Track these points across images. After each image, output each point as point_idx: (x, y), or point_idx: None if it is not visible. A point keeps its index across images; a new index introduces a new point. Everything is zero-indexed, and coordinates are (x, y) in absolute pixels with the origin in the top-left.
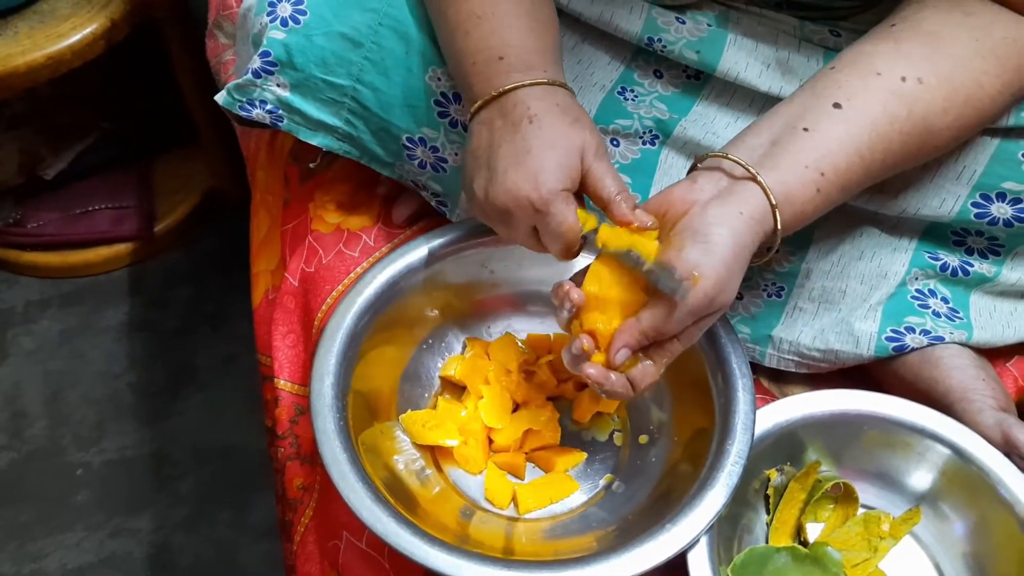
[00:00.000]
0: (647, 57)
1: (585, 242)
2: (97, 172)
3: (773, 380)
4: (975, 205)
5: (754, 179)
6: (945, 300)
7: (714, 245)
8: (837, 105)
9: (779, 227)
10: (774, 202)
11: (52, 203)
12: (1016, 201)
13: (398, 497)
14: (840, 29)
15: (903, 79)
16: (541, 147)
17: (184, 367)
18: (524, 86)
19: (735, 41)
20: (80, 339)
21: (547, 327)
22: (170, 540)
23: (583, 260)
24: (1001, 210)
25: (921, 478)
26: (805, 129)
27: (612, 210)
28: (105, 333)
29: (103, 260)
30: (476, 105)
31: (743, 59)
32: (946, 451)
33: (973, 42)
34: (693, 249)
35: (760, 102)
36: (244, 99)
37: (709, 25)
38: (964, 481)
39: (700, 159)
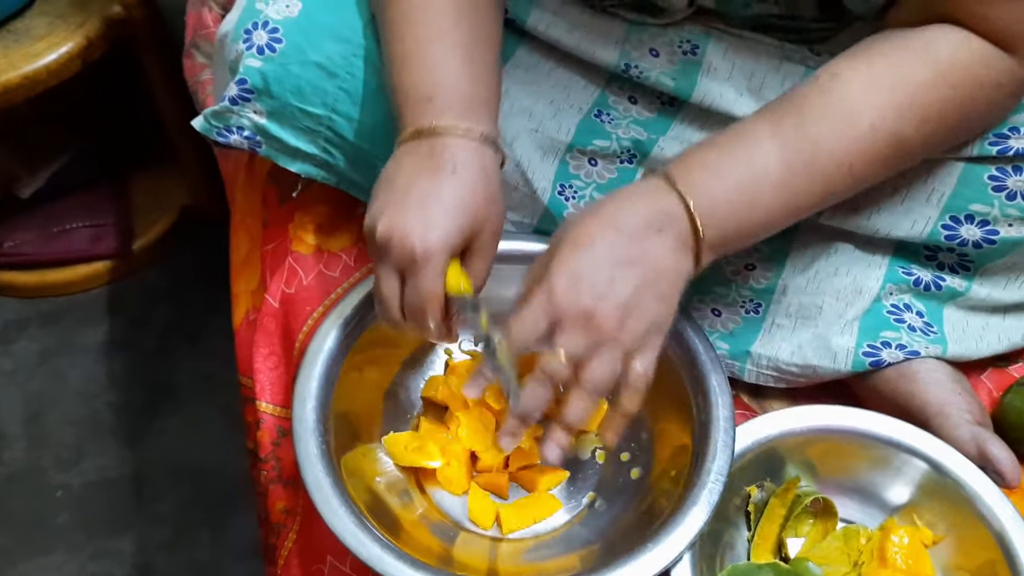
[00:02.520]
0: (622, 84)
1: (466, 307)
2: (74, 190)
3: (753, 395)
4: (945, 227)
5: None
6: (920, 314)
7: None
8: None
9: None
10: (681, 189)
11: (29, 222)
12: (984, 223)
13: (381, 520)
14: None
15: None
16: (452, 202)
17: (163, 386)
18: (457, 136)
19: (709, 71)
20: (59, 359)
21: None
22: (152, 561)
23: None
24: (970, 232)
25: (899, 492)
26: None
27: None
28: (84, 353)
29: (81, 279)
30: (407, 132)
31: (716, 88)
32: (923, 465)
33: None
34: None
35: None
36: (221, 125)
37: (684, 53)
38: (941, 495)
39: None
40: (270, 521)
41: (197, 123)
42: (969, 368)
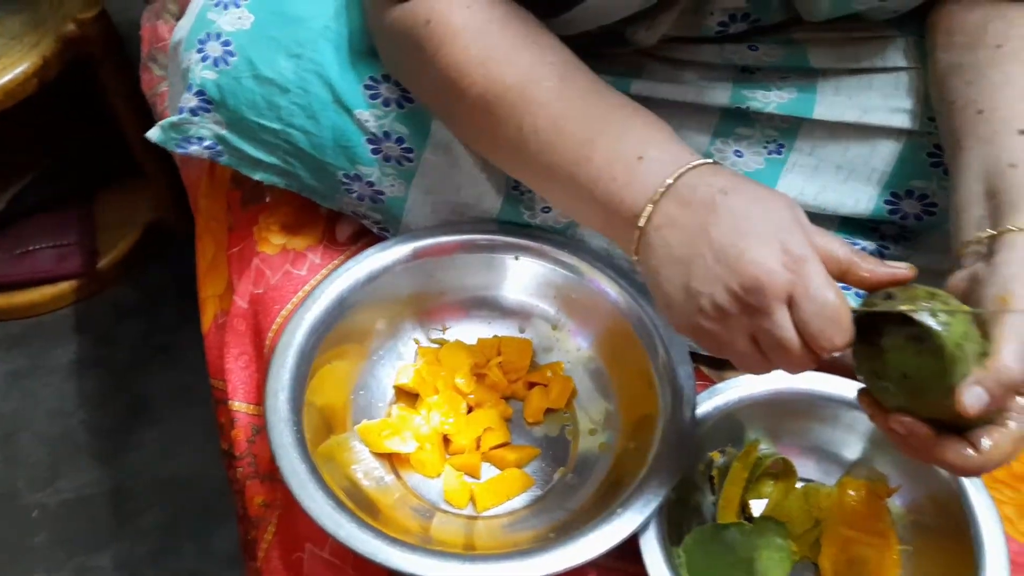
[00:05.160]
0: None
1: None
2: (37, 211)
3: (712, 367)
4: (887, 202)
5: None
6: None
7: None
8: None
9: None
10: None
11: None
12: (923, 197)
13: (359, 505)
14: (758, 43)
15: None
16: (760, 212)
17: (137, 401)
18: (687, 171)
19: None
20: (29, 380)
21: (493, 330)
22: (136, 575)
23: None
24: (911, 206)
25: (852, 447)
26: (1011, 165)
27: (856, 267)
28: (55, 372)
29: (48, 299)
30: (644, 214)
31: (649, 89)
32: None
33: None
34: None
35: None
36: (180, 136)
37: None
38: (891, 446)
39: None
40: (249, 516)
41: (153, 135)
42: None
